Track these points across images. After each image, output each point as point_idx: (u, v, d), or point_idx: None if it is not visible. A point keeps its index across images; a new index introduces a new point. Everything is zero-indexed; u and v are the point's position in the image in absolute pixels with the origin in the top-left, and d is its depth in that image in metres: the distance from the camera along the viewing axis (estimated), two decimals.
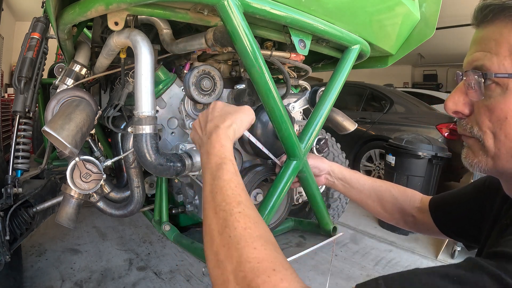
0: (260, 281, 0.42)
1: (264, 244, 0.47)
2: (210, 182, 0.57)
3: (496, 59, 0.46)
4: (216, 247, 0.48)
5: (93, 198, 1.11)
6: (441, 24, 1.52)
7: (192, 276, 2.05)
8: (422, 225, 0.85)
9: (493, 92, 0.47)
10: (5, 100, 4.91)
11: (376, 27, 1.12)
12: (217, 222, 0.51)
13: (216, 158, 0.60)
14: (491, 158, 0.49)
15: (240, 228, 0.48)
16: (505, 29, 0.45)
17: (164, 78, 1.08)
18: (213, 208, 0.53)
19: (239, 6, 0.74)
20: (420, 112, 4.10)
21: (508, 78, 0.45)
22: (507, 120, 0.46)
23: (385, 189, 0.93)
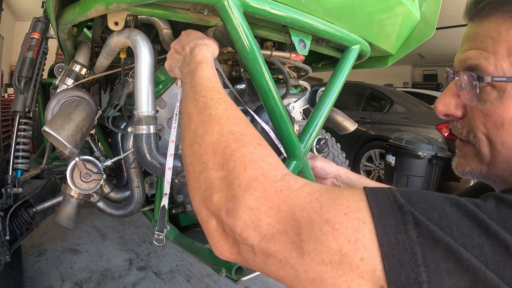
0: (246, 151, 0.40)
1: (246, 124, 0.45)
2: (189, 81, 0.56)
3: (493, 59, 0.42)
4: (195, 125, 0.46)
5: (93, 198, 1.11)
6: (441, 24, 1.52)
7: (192, 276, 2.05)
8: None
9: (488, 96, 0.43)
10: (5, 100, 4.90)
11: (376, 27, 1.12)
12: (196, 105, 0.49)
13: (196, 65, 0.60)
14: (485, 165, 0.46)
15: (221, 109, 0.47)
16: (503, 27, 0.41)
17: (164, 78, 1.08)
18: (192, 96, 0.51)
19: (239, 6, 0.74)
20: (420, 112, 4.11)
21: (506, 82, 0.41)
22: (504, 127, 0.42)
23: None
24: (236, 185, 0.38)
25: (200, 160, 0.42)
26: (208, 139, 0.43)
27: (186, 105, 0.52)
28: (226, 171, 0.40)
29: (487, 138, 0.44)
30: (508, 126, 0.42)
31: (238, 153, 0.40)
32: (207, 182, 0.41)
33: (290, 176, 0.39)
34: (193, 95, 0.51)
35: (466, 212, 0.32)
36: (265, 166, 0.39)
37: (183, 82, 0.61)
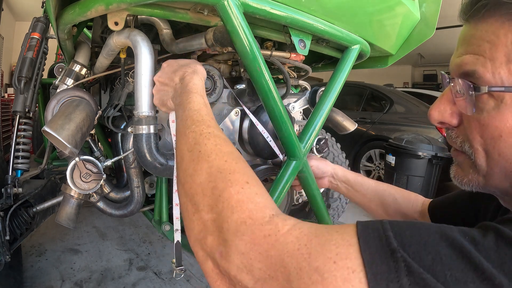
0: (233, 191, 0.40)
1: (235, 159, 0.45)
2: (180, 115, 0.56)
3: (490, 65, 0.39)
4: (186, 164, 0.46)
5: (93, 198, 1.11)
6: (441, 24, 1.52)
7: (192, 276, 2.05)
8: None
9: (485, 105, 0.41)
10: (5, 100, 4.91)
11: (376, 27, 1.12)
12: (186, 142, 0.49)
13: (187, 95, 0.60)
14: (482, 176, 0.44)
15: (211, 145, 0.47)
16: (501, 30, 0.39)
17: None
18: (183, 131, 0.52)
19: (239, 6, 0.74)
20: (420, 112, 4.11)
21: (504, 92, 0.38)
22: (501, 138, 0.40)
23: (388, 193, 0.92)
24: (225, 228, 0.38)
25: (192, 200, 0.43)
26: (198, 179, 0.43)
27: (178, 141, 0.52)
28: (216, 213, 0.39)
29: (483, 149, 0.42)
30: (506, 137, 0.39)
31: (226, 194, 0.40)
32: (200, 224, 0.41)
33: (278, 217, 0.38)
34: (184, 129, 0.52)
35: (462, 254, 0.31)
36: (253, 207, 0.39)
37: (176, 114, 0.61)
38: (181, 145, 0.50)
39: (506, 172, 0.41)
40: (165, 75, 0.73)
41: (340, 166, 1.05)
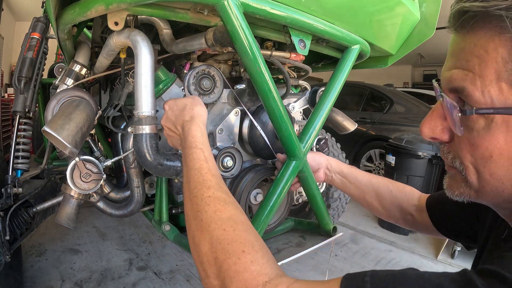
0: (231, 262, 0.43)
1: (233, 226, 0.48)
2: (185, 174, 0.61)
3: (480, 83, 0.37)
4: (192, 232, 0.50)
5: (93, 198, 1.11)
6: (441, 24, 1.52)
7: (192, 276, 2.05)
8: (420, 224, 0.83)
9: (475, 124, 0.39)
10: (5, 100, 4.90)
11: (376, 27, 1.12)
12: (191, 208, 0.53)
13: (188, 149, 0.64)
14: (474, 191, 0.43)
15: (210, 211, 0.50)
16: (491, 44, 0.36)
17: (164, 78, 1.08)
18: (188, 196, 0.56)
19: (239, 6, 0.74)
20: (420, 112, 4.10)
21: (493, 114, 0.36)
22: (492, 158, 0.38)
23: (383, 185, 0.91)
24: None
25: (202, 266, 0.47)
26: (203, 249, 0.47)
27: (185, 205, 0.56)
28: (220, 281, 0.44)
29: (474, 167, 0.41)
30: (496, 158, 0.38)
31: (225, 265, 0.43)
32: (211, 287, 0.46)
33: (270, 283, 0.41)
34: (189, 194, 0.56)
35: None
36: (248, 276, 0.42)
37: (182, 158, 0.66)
38: (188, 211, 0.54)
39: (498, 191, 0.40)
40: (169, 122, 0.76)
41: (333, 158, 1.05)
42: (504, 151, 0.37)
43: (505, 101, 0.36)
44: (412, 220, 0.85)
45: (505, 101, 0.36)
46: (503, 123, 0.37)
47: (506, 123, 0.36)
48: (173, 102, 0.77)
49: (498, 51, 0.36)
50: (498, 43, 0.36)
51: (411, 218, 0.85)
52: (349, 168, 0.99)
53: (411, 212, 0.85)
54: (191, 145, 0.64)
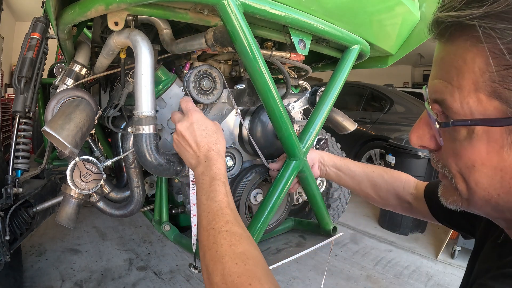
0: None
1: (245, 260, 0.51)
2: (204, 202, 0.63)
3: (458, 95, 0.37)
4: (206, 261, 0.54)
5: (93, 198, 1.11)
6: None
7: (192, 276, 2.05)
8: (418, 211, 0.83)
9: (458, 134, 0.39)
10: (5, 100, 4.91)
11: (376, 27, 1.12)
12: (207, 239, 0.56)
13: (211, 180, 0.66)
14: (465, 200, 0.43)
15: (226, 245, 0.54)
16: (468, 54, 0.35)
17: (164, 78, 1.08)
18: (205, 226, 0.58)
19: (239, 6, 0.74)
20: (420, 112, 4.08)
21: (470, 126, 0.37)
22: (475, 168, 0.39)
23: (377, 174, 0.91)
24: None
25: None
26: (215, 279, 0.50)
27: (200, 233, 0.59)
28: None
29: (461, 175, 0.41)
30: (479, 167, 0.38)
31: None
32: None
33: None
34: (206, 224, 0.58)
35: None
36: None
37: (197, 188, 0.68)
38: (203, 240, 0.57)
39: (485, 199, 0.40)
40: (191, 136, 0.75)
41: (326, 152, 1.05)
42: (486, 161, 0.37)
43: (484, 112, 0.35)
44: (409, 207, 0.86)
45: (484, 112, 0.35)
46: (484, 134, 0.36)
47: (486, 133, 0.36)
48: (202, 119, 0.76)
49: (475, 61, 0.35)
50: (476, 52, 0.35)
51: (408, 206, 0.86)
52: (342, 160, 0.99)
53: (408, 200, 0.85)
54: (215, 177, 0.67)
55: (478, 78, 0.35)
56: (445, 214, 0.76)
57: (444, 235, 2.73)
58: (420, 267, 2.36)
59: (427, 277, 2.23)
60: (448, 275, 2.27)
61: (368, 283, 2.10)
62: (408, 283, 2.13)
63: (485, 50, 0.34)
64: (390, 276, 2.20)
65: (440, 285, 2.13)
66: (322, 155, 1.04)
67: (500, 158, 0.36)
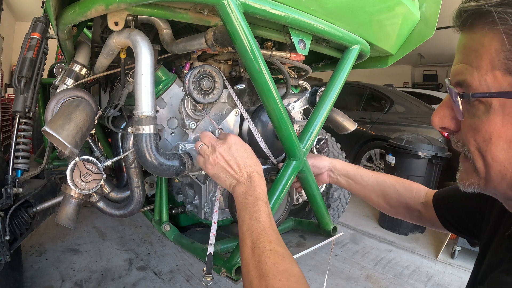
0: None
1: (287, 277, 0.56)
2: (248, 222, 0.67)
3: (477, 74, 0.42)
4: (251, 278, 0.58)
5: (93, 198, 1.11)
6: (441, 24, 1.52)
7: (192, 276, 2.05)
8: (427, 219, 0.85)
9: (477, 110, 0.43)
10: (5, 100, 4.91)
11: (376, 27, 1.12)
12: (253, 257, 0.60)
13: (255, 200, 0.70)
14: (483, 179, 0.46)
15: (270, 263, 0.57)
16: (486, 38, 0.41)
17: (164, 78, 1.08)
18: (250, 245, 0.63)
19: (239, 6, 0.74)
20: (420, 112, 4.10)
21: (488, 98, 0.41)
22: (491, 141, 0.42)
23: (389, 184, 0.93)
24: None
25: None
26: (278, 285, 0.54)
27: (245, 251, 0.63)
28: None
29: (479, 152, 0.44)
30: (496, 140, 0.42)
31: None
32: None
33: None
34: (251, 243, 0.62)
35: None
36: None
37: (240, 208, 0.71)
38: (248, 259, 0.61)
39: (502, 175, 0.43)
40: (232, 158, 0.77)
41: (338, 159, 1.05)
42: (502, 133, 0.41)
43: (499, 87, 0.40)
44: (419, 216, 0.87)
45: (499, 87, 0.40)
46: (500, 107, 0.41)
47: (502, 107, 0.40)
48: (240, 142, 0.80)
49: (492, 43, 0.40)
50: (492, 36, 0.40)
51: (417, 214, 0.88)
52: (355, 169, 1.00)
53: (418, 209, 0.87)
54: (259, 197, 0.70)
55: (494, 58, 0.40)
56: (452, 217, 0.77)
57: (444, 235, 2.73)
58: (420, 267, 2.37)
59: (427, 277, 2.23)
60: (448, 275, 2.27)
61: (368, 283, 2.10)
62: (408, 283, 2.13)
63: (501, 32, 0.39)
64: (390, 276, 2.20)
65: (440, 285, 2.13)
66: (334, 164, 1.03)
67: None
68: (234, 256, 0.93)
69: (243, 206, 0.70)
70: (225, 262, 0.94)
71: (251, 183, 0.73)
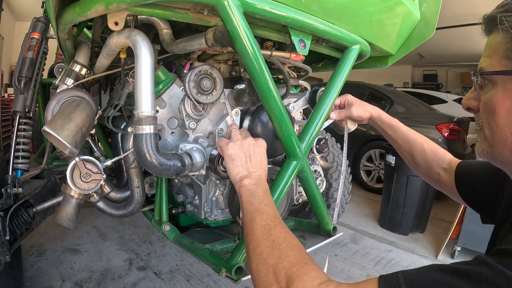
0: (295, 269, 0.55)
1: (299, 249, 0.60)
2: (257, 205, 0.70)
3: (489, 61, 0.55)
4: (261, 249, 0.61)
5: (93, 198, 1.11)
6: (441, 24, 1.52)
7: (192, 276, 2.05)
8: (445, 185, 0.92)
9: (488, 89, 0.56)
10: (5, 100, 4.91)
11: (376, 27, 1.12)
12: (263, 231, 0.64)
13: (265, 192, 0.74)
14: (489, 146, 0.57)
15: (282, 237, 0.62)
16: (498, 38, 0.54)
17: (164, 78, 1.08)
18: (260, 222, 0.66)
19: (239, 6, 0.74)
20: (420, 112, 4.10)
21: (494, 75, 0.54)
22: (495, 111, 0.53)
23: (418, 143, 1.01)
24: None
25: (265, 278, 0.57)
26: (271, 261, 0.58)
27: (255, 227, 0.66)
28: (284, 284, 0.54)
29: (487, 122, 0.56)
30: (499, 110, 0.53)
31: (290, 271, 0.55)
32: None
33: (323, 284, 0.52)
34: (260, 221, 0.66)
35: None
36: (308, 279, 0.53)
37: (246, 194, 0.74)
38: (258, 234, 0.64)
39: (503, 140, 0.54)
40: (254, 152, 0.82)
41: (378, 108, 1.10)
42: (502, 103, 0.53)
43: (501, 68, 0.53)
44: (438, 179, 0.94)
45: (501, 68, 0.53)
46: (501, 84, 0.53)
47: (503, 83, 0.53)
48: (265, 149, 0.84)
49: (502, 41, 0.53)
50: (504, 35, 0.53)
51: (437, 177, 0.95)
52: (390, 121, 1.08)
53: (439, 172, 0.94)
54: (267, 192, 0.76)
55: (499, 48, 0.54)
56: (471, 192, 0.83)
57: (444, 235, 2.73)
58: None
59: None
60: None
61: None
62: None
63: (504, 30, 0.52)
64: None
65: None
66: (379, 114, 1.10)
67: (511, 101, 0.52)
68: (234, 256, 0.93)
69: (251, 193, 0.73)
70: (225, 262, 0.94)
71: (260, 181, 0.77)
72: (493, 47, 0.55)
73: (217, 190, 1.14)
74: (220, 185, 1.15)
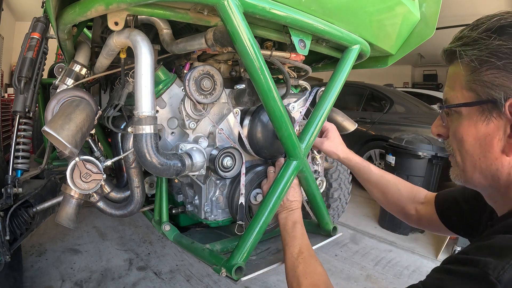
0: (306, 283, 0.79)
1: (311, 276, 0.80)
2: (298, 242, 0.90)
3: (453, 92, 0.59)
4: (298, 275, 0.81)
5: (93, 198, 1.11)
6: (441, 24, 1.52)
7: (192, 276, 2.05)
8: (425, 219, 0.92)
9: (454, 118, 0.60)
10: (5, 100, 4.91)
11: (376, 27, 1.12)
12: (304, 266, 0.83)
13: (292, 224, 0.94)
14: (462, 171, 0.61)
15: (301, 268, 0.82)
16: (458, 69, 0.57)
17: (164, 78, 1.08)
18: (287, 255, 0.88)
19: (239, 6, 0.74)
20: (420, 112, 4.10)
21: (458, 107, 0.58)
22: (463, 139, 0.57)
23: (393, 184, 1.01)
24: None
25: None
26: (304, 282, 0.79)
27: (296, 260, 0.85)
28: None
29: (458, 149, 0.60)
30: (466, 138, 0.57)
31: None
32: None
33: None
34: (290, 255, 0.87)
35: None
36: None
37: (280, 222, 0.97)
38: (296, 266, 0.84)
39: (474, 166, 0.58)
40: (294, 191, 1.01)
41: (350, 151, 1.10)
42: (468, 131, 0.56)
43: (465, 100, 0.57)
44: (417, 216, 0.95)
45: (465, 100, 0.57)
46: (467, 114, 0.57)
47: (468, 113, 0.56)
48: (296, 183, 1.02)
49: (462, 72, 0.57)
50: (463, 67, 0.56)
51: (415, 215, 0.95)
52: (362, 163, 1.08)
53: (416, 207, 0.95)
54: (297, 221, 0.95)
55: (461, 80, 0.57)
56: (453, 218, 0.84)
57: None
58: (420, 267, 2.36)
59: None
60: None
61: (368, 283, 2.10)
62: (408, 283, 2.12)
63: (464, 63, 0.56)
64: (390, 276, 2.20)
65: None
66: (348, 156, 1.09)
67: (476, 129, 0.55)
68: (234, 256, 0.93)
69: (283, 228, 0.94)
70: (225, 262, 0.94)
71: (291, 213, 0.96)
72: (455, 78, 0.58)
73: (217, 190, 1.14)
74: (220, 185, 1.15)
